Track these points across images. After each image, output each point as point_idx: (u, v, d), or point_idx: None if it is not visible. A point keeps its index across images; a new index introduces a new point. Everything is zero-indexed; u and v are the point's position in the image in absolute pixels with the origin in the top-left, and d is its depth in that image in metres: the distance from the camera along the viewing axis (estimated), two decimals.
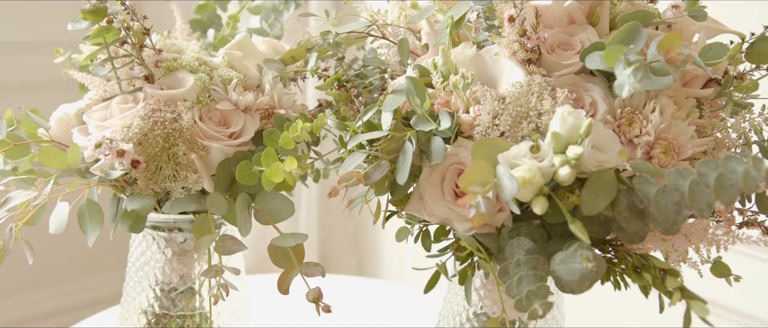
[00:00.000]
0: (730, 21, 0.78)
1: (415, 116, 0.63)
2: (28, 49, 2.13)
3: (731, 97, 0.68)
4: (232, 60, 0.73)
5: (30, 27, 2.13)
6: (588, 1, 0.68)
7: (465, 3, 0.69)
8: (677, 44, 0.56)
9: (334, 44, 0.72)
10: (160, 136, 0.66)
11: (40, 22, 2.14)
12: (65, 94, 1.37)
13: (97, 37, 0.70)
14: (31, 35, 2.13)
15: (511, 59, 0.65)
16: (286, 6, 0.87)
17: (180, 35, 0.86)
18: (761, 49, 0.73)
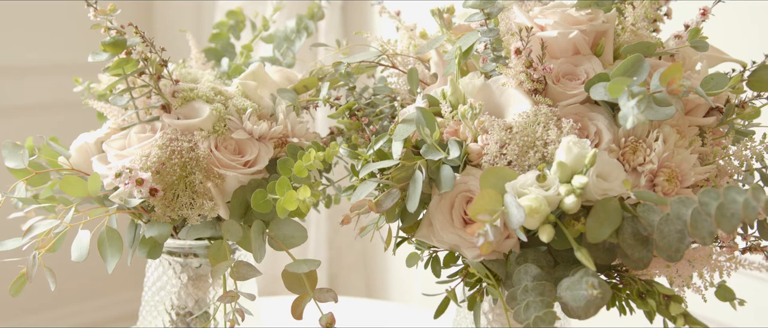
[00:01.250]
0: (732, 47, 0.80)
1: (424, 145, 0.65)
2: (40, 70, 2.16)
3: (733, 126, 0.70)
4: (246, 90, 0.76)
5: (46, 49, 2.16)
6: (592, 32, 0.70)
7: (473, 34, 0.71)
8: (679, 76, 0.58)
9: (346, 74, 0.74)
10: (178, 165, 0.68)
11: (54, 43, 2.18)
12: (78, 114, 1.40)
13: (116, 69, 0.72)
14: (46, 57, 2.17)
15: (518, 89, 0.67)
16: (298, 35, 0.89)
17: (195, 64, 0.89)
18: (762, 78, 0.74)
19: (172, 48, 0.96)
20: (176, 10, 2.29)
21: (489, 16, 0.69)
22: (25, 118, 2.12)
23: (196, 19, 2.28)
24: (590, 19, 0.70)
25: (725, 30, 0.87)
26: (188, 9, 2.26)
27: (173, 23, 2.30)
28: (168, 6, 2.32)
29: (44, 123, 2.15)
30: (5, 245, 0.69)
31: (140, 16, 2.31)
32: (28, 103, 2.14)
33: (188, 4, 2.26)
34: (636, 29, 0.72)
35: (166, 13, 2.32)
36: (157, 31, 2.25)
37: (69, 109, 2.15)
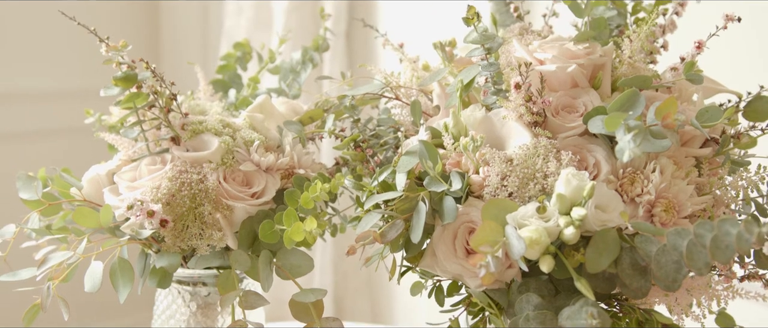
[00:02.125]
0: (728, 77, 0.82)
1: (427, 177, 0.67)
2: (46, 96, 2.19)
3: (729, 156, 0.72)
4: (254, 122, 0.78)
5: (50, 75, 2.19)
6: (590, 66, 0.72)
7: (474, 67, 0.73)
8: (673, 110, 0.60)
9: (351, 107, 0.76)
10: (187, 197, 0.70)
11: (58, 70, 2.21)
12: (84, 140, 1.42)
13: (128, 102, 0.74)
14: (51, 83, 2.20)
15: (518, 122, 0.69)
16: (303, 67, 0.92)
17: (203, 95, 0.91)
18: (758, 108, 0.76)
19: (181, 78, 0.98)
20: (183, 11, 2.32)
21: (489, 51, 0.71)
22: (31, 144, 2.15)
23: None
24: (588, 53, 0.72)
25: (728, 56, 0.89)
26: (194, 7, 2.29)
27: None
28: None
29: (51, 149, 2.18)
30: (19, 274, 0.71)
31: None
32: (35, 128, 2.17)
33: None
34: (633, 62, 0.74)
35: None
36: (167, 63, 2.29)
37: (75, 134, 2.18)
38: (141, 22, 2.37)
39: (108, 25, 2.27)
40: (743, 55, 1.15)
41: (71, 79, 2.20)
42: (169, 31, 2.36)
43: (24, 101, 2.13)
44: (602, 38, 0.76)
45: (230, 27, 2.09)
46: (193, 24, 2.30)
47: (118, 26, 2.32)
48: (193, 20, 2.30)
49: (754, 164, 0.74)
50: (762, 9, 1.13)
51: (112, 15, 2.31)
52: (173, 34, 2.35)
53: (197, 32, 2.31)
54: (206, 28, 2.31)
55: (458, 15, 0.73)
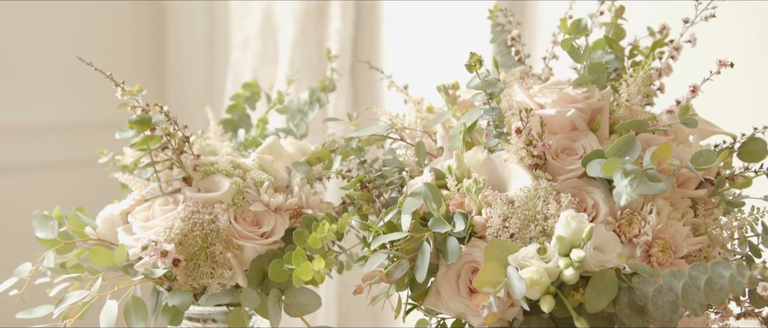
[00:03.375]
0: (725, 113, 0.85)
1: (432, 218, 0.69)
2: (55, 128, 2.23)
3: (724, 198, 0.74)
4: (263, 163, 0.80)
5: (58, 108, 2.23)
6: (588, 110, 0.75)
7: (476, 110, 0.75)
8: (668, 155, 0.63)
9: (357, 149, 0.79)
10: (199, 237, 0.73)
11: (65, 103, 2.24)
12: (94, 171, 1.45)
13: (142, 144, 0.77)
14: (61, 116, 2.23)
15: (519, 164, 0.71)
16: (311, 107, 0.94)
17: (213, 135, 0.93)
18: (752, 149, 0.79)
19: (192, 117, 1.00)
20: (188, 44, 2.35)
21: (491, 96, 0.73)
22: (44, 175, 2.18)
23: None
24: (586, 97, 0.74)
25: (726, 93, 0.92)
26: (200, 41, 2.33)
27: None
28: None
29: (63, 180, 2.21)
30: (35, 312, 0.73)
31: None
32: (48, 160, 2.20)
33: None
34: (630, 105, 0.77)
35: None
36: (179, 104, 2.32)
37: (88, 166, 2.21)
38: (147, 58, 2.41)
39: (114, 59, 2.31)
40: (740, 94, 1.18)
41: (83, 111, 2.23)
42: (174, 66, 2.40)
43: (37, 133, 2.16)
44: (600, 82, 0.79)
45: (236, 60, 2.12)
46: (199, 57, 2.34)
47: (123, 61, 2.36)
48: (199, 53, 2.34)
49: (752, 202, 0.76)
50: (756, 50, 1.16)
51: (117, 52, 2.35)
52: (179, 69, 2.38)
53: (203, 66, 2.34)
54: (212, 61, 2.35)
55: (462, 55, 0.75)
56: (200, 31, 2.33)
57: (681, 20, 0.83)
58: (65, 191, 2.22)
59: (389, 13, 1.78)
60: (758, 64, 1.16)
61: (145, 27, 2.39)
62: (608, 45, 0.83)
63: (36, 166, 2.18)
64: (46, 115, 2.19)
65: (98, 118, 2.24)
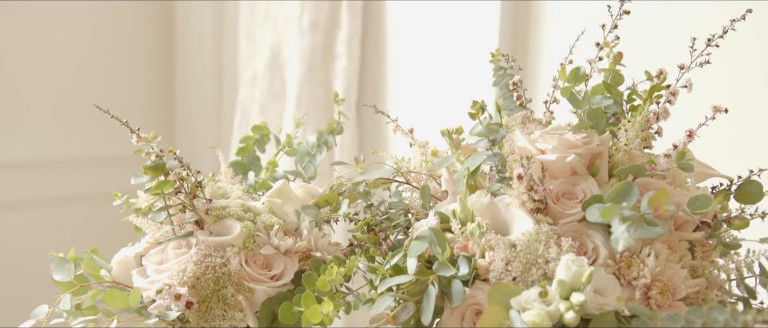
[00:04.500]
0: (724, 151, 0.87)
1: (437, 262, 0.71)
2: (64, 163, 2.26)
3: (721, 240, 0.76)
4: (273, 207, 0.83)
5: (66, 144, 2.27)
6: (588, 155, 0.77)
7: (479, 155, 0.78)
8: (664, 202, 0.65)
9: (364, 193, 0.82)
10: (211, 280, 0.75)
11: (74, 138, 2.28)
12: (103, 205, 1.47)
13: (156, 189, 0.79)
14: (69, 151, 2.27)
15: (521, 208, 0.74)
16: (318, 150, 0.97)
17: (224, 178, 0.96)
18: (748, 191, 0.81)
19: (203, 159, 1.02)
20: (197, 81, 2.39)
21: (494, 142, 0.76)
22: (56, 209, 2.22)
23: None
24: (585, 142, 0.77)
25: (715, 147, 0.94)
26: (208, 77, 2.37)
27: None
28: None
29: (75, 213, 2.24)
30: None
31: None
32: (60, 194, 2.24)
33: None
34: (628, 149, 0.79)
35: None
36: (191, 146, 2.35)
37: (99, 199, 2.25)
38: (156, 95, 2.45)
39: (125, 98, 2.36)
40: (740, 132, 1.20)
41: (95, 146, 2.27)
42: (183, 103, 2.44)
43: (50, 168, 2.20)
44: (599, 127, 0.81)
45: (244, 97, 2.16)
46: (207, 94, 2.38)
47: (134, 99, 2.40)
48: (208, 90, 2.38)
49: (748, 245, 0.79)
50: (751, 93, 1.19)
51: (128, 90, 2.39)
52: (188, 105, 2.42)
53: (211, 102, 2.38)
54: (220, 98, 2.39)
55: (467, 92, 0.78)
56: (208, 68, 2.37)
57: (677, 66, 0.85)
58: (76, 225, 2.26)
59: (394, 51, 1.82)
60: (760, 100, 1.18)
61: (155, 64, 2.44)
62: (607, 90, 0.86)
63: (48, 200, 2.22)
64: (59, 150, 2.23)
65: (109, 154, 2.28)
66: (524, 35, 1.51)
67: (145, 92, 2.43)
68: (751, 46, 1.18)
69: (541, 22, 1.48)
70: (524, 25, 1.53)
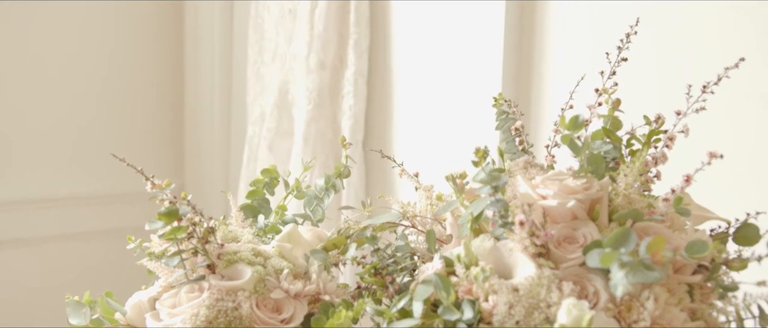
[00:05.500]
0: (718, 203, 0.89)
1: (442, 306, 0.74)
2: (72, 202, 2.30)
3: (719, 283, 0.78)
4: (283, 251, 0.85)
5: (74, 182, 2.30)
6: (588, 200, 0.80)
7: (483, 201, 0.80)
8: (661, 248, 0.67)
9: (371, 238, 0.84)
10: (223, 324, 0.77)
11: (81, 177, 2.32)
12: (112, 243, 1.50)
13: (170, 235, 0.82)
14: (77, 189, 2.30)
15: (524, 253, 0.76)
16: (327, 193, 1.00)
17: (234, 221, 0.99)
18: (746, 234, 0.83)
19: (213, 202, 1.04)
20: (206, 121, 2.43)
21: (496, 189, 0.78)
22: (69, 244, 2.25)
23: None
24: (585, 188, 0.79)
25: (710, 190, 0.96)
26: (217, 115, 2.41)
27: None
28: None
29: (89, 249, 2.27)
30: None
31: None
32: (72, 231, 2.27)
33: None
34: (628, 194, 0.82)
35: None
36: (202, 190, 2.39)
37: (110, 235, 2.28)
38: (166, 131, 2.49)
39: (135, 127, 2.40)
40: (738, 174, 1.23)
41: (109, 183, 2.31)
42: (193, 141, 2.47)
43: (61, 205, 2.24)
44: (599, 173, 0.84)
45: (253, 135, 2.19)
46: (216, 132, 2.41)
47: (143, 139, 2.44)
48: (217, 127, 2.41)
49: (746, 288, 0.80)
50: (746, 141, 1.22)
51: (139, 128, 2.43)
52: (197, 142, 2.46)
53: (220, 139, 2.41)
54: (228, 137, 2.42)
55: (471, 130, 0.81)
56: (217, 105, 2.41)
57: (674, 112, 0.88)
58: (91, 260, 2.28)
59: (400, 90, 1.85)
60: (760, 139, 1.21)
61: (165, 101, 2.48)
62: (606, 136, 0.89)
63: (60, 237, 2.25)
64: (73, 187, 2.27)
65: (122, 191, 2.32)
66: (527, 80, 1.54)
67: (156, 128, 2.47)
68: (748, 90, 1.21)
69: (543, 67, 1.51)
70: (527, 69, 1.56)
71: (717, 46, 1.26)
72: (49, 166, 2.25)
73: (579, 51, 1.46)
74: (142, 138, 2.44)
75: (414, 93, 1.81)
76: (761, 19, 1.21)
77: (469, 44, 1.63)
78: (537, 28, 1.52)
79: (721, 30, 1.26)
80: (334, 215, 1.65)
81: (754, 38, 1.22)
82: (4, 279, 2.15)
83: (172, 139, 2.51)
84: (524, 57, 1.57)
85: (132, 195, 2.32)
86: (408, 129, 1.84)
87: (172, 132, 2.51)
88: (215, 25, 2.38)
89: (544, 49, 1.52)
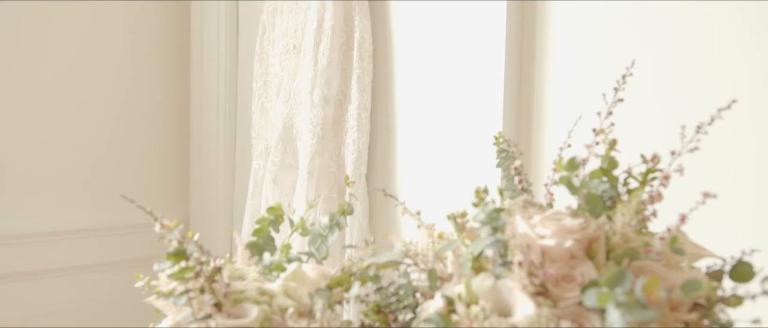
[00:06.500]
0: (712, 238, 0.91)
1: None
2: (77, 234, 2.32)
3: (715, 320, 0.80)
4: (287, 290, 0.87)
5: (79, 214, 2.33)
6: (585, 240, 0.82)
7: (482, 241, 0.83)
8: (656, 287, 0.69)
9: (374, 277, 0.86)
10: None
11: (87, 209, 2.34)
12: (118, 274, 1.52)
13: (178, 275, 0.84)
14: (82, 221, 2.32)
15: (523, 292, 0.78)
16: (330, 231, 1.02)
17: (240, 259, 1.01)
18: (741, 271, 0.85)
19: (221, 240, 1.06)
20: (210, 153, 2.45)
21: (495, 229, 0.80)
22: (77, 277, 2.27)
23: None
24: (583, 228, 0.81)
25: (706, 228, 0.98)
26: (222, 149, 2.43)
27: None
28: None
29: (94, 281, 2.29)
30: None
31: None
32: (80, 264, 2.29)
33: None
34: (624, 233, 0.84)
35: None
36: (210, 230, 2.41)
37: (116, 267, 2.30)
38: (171, 164, 2.52)
39: (142, 159, 2.42)
40: (737, 207, 1.25)
41: (115, 215, 2.33)
42: (197, 176, 2.50)
43: (71, 238, 2.26)
44: (596, 212, 0.86)
45: (257, 168, 2.22)
46: (221, 166, 2.44)
47: (149, 171, 2.47)
48: (221, 162, 2.44)
49: (742, 324, 0.82)
50: (740, 179, 1.24)
51: (145, 160, 2.46)
52: (202, 177, 2.48)
53: (225, 174, 2.44)
54: (233, 169, 2.45)
55: (473, 166, 0.83)
56: (222, 138, 2.44)
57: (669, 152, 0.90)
58: (98, 293, 2.30)
59: (402, 123, 1.88)
60: (760, 172, 1.23)
61: (171, 133, 2.51)
62: (603, 175, 0.91)
63: (69, 270, 2.27)
64: (83, 220, 2.29)
65: (131, 223, 2.34)
66: (528, 116, 1.57)
67: (162, 160, 2.50)
68: (749, 126, 1.23)
69: (544, 105, 1.54)
70: (528, 106, 1.59)
71: (713, 85, 1.29)
72: (57, 199, 2.28)
73: (579, 98, 1.49)
74: (148, 170, 2.47)
75: (416, 126, 1.84)
76: (759, 59, 1.24)
77: (471, 80, 1.66)
78: (536, 69, 1.55)
79: (720, 68, 1.29)
80: (338, 251, 1.67)
81: (748, 78, 1.25)
82: (14, 312, 2.17)
83: (177, 171, 2.54)
84: (525, 94, 1.60)
85: (141, 227, 2.35)
86: (411, 162, 1.86)
87: (177, 164, 2.54)
88: (220, 60, 2.42)
89: (544, 88, 1.55)
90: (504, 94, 1.55)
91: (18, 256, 2.18)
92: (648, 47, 1.37)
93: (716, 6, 1.32)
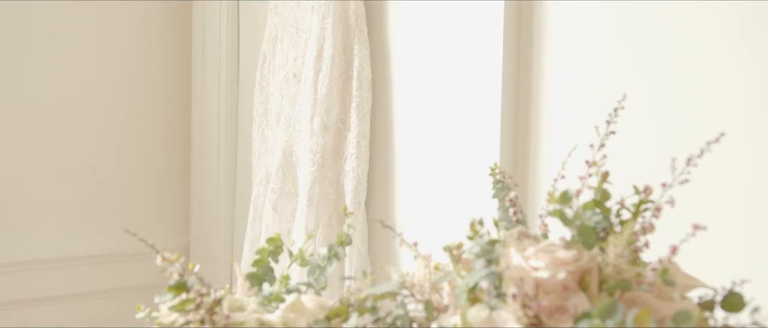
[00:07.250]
0: None
1: None
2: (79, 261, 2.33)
3: None
4: (287, 321, 0.89)
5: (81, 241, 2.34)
6: (578, 271, 0.83)
7: (476, 273, 0.84)
8: (647, 320, 0.71)
9: (372, 309, 0.87)
10: None
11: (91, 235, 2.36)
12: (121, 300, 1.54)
13: (179, 307, 0.86)
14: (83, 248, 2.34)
15: (517, 323, 0.79)
16: (329, 262, 1.03)
17: (240, 290, 1.02)
18: (732, 301, 0.87)
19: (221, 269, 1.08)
20: (211, 182, 2.47)
21: (490, 261, 0.82)
22: (82, 303, 2.29)
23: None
24: (576, 260, 0.83)
25: (701, 252, 1.00)
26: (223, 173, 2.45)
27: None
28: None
29: (98, 306, 2.30)
30: None
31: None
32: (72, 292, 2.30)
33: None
34: (617, 264, 0.85)
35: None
36: (211, 259, 2.43)
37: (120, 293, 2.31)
38: (174, 195, 2.54)
39: (143, 185, 2.44)
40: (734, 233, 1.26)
41: (117, 242, 2.35)
42: (198, 204, 2.52)
43: (69, 265, 2.28)
44: (589, 243, 0.87)
45: (257, 195, 2.24)
46: (222, 193, 2.46)
47: (151, 195, 2.48)
48: (222, 188, 2.46)
49: None
50: (734, 210, 1.26)
51: (146, 185, 2.48)
52: (203, 204, 2.50)
53: (226, 201, 2.46)
54: (233, 196, 2.47)
55: (470, 192, 0.85)
56: (223, 165, 2.46)
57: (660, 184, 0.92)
58: (99, 320, 2.31)
59: (402, 151, 1.90)
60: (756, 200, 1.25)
61: (172, 160, 2.53)
62: (596, 207, 0.92)
63: (71, 296, 2.29)
64: (80, 248, 2.31)
65: (132, 250, 2.36)
66: (525, 148, 1.59)
67: (163, 186, 2.52)
68: (746, 154, 1.25)
69: (540, 138, 1.56)
70: (524, 137, 1.61)
71: (710, 105, 1.31)
72: (58, 226, 2.29)
73: (577, 117, 1.51)
74: (149, 196, 2.48)
75: (415, 154, 1.86)
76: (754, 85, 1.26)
77: (468, 109, 1.69)
78: (533, 99, 1.58)
79: (718, 94, 1.31)
80: (337, 281, 1.69)
81: (743, 102, 1.27)
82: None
83: (178, 197, 2.56)
84: (521, 123, 1.62)
85: (141, 254, 2.36)
86: (410, 189, 1.88)
87: (178, 190, 2.56)
88: (222, 88, 2.44)
89: (540, 118, 1.57)
90: (501, 123, 1.58)
91: (18, 283, 2.19)
92: (644, 55, 1.39)
93: (716, 29, 1.35)
